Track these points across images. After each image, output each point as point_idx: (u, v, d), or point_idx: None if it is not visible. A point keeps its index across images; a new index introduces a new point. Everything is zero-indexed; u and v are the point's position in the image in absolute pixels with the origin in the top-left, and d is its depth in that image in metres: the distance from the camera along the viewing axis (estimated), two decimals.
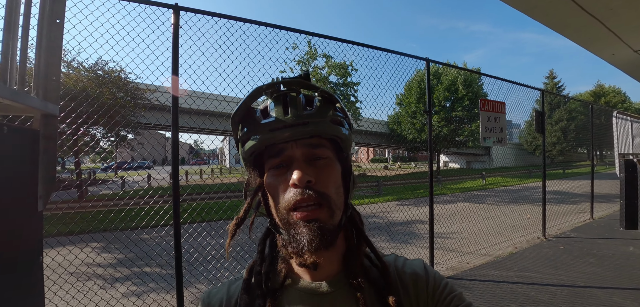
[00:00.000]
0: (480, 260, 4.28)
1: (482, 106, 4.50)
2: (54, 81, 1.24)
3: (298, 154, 0.46)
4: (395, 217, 7.69)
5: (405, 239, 5.65)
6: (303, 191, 0.44)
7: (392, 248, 5.16)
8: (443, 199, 10.72)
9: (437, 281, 0.52)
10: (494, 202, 10.08)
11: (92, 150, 10.01)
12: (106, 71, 8.62)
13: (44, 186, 1.19)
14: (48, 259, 3.31)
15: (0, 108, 1.08)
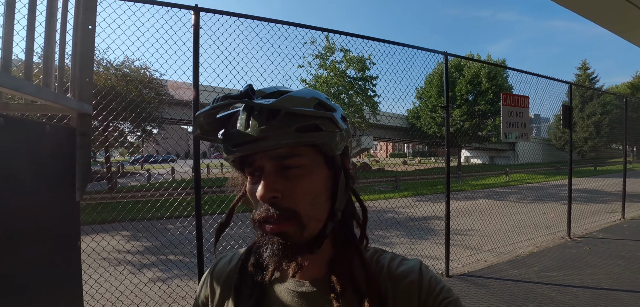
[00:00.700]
0: (499, 258, 4.19)
1: (504, 100, 4.36)
2: (87, 83, 1.35)
3: (267, 167, 0.45)
4: (412, 212, 7.61)
5: (421, 235, 5.60)
6: (268, 207, 0.44)
7: (408, 244, 5.14)
8: (463, 195, 10.47)
9: (432, 285, 0.48)
10: (516, 199, 9.73)
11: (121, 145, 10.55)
12: (133, 69, 9.04)
13: (81, 178, 1.31)
14: (83, 244, 3.56)
15: (43, 109, 1.20)
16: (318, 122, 0.45)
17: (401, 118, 23.40)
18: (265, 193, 0.43)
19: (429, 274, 0.50)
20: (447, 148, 4.07)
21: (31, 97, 0.97)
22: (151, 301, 3.04)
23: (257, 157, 0.45)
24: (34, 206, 1.00)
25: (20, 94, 0.93)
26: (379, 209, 7.95)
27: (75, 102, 1.26)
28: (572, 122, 5.27)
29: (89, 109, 1.34)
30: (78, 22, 1.28)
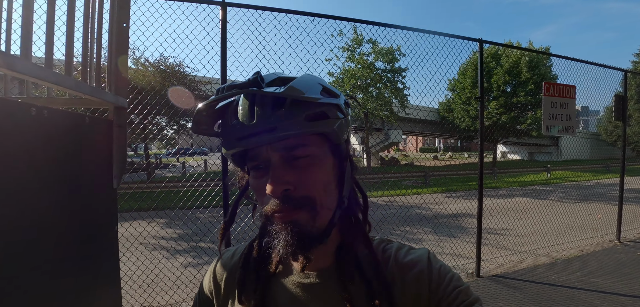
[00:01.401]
0: (536, 260, 3.92)
1: (546, 90, 4.03)
2: (123, 78, 1.43)
3: (275, 158, 0.43)
4: (442, 209, 7.35)
5: (451, 233, 5.40)
6: (280, 201, 0.42)
7: (436, 241, 4.98)
8: (498, 193, 9.92)
9: (442, 274, 0.47)
10: (559, 198, 9.04)
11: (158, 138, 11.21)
12: (168, 66, 9.53)
13: (117, 167, 1.39)
14: (123, 230, 3.86)
15: (82, 102, 1.29)
16: (325, 109, 0.43)
17: (432, 111, 22.58)
18: (276, 187, 0.41)
19: (438, 263, 0.49)
20: (480, 142, 3.86)
21: (71, 90, 1.05)
22: (183, 284, 3.22)
23: (262, 149, 0.43)
24: (74, 191, 1.08)
25: (62, 87, 1.00)
26: (406, 204, 7.77)
27: (112, 96, 1.34)
28: (626, 114, 4.77)
29: (124, 103, 1.42)
30: (113, 21, 1.35)
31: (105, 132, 1.33)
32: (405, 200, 8.72)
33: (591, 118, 34.51)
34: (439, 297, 0.45)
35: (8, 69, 0.75)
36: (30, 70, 0.81)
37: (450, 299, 0.45)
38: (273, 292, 0.50)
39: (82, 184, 1.14)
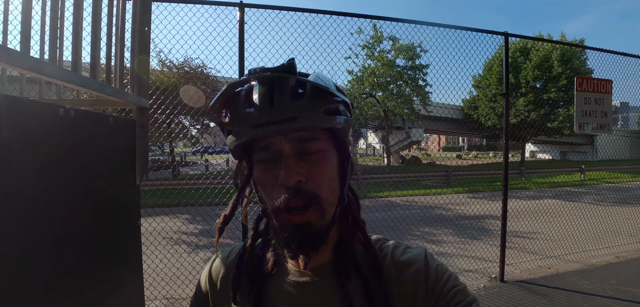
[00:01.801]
0: (567, 266, 3.71)
1: (579, 85, 3.79)
2: (145, 79, 1.49)
3: (287, 150, 0.42)
4: (464, 210, 7.12)
5: (473, 235, 5.21)
6: (291, 193, 0.41)
7: (458, 243, 4.83)
8: (525, 194, 9.46)
9: (439, 273, 0.47)
10: (593, 201, 8.49)
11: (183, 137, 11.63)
12: (192, 67, 9.86)
13: (140, 165, 1.46)
14: (148, 225, 4.05)
15: (107, 103, 1.36)
16: (339, 106, 0.44)
17: (455, 109, 21.88)
18: (291, 177, 0.41)
19: (434, 262, 0.48)
20: (505, 141, 3.70)
21: (96, 92, 1.11)
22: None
23: (275, 140, 0.42)
24: (100, 188, 1.14)
25: (87, 89, 1.06)
26: (427, 204, 7.59)
27: (134, 97, 1.40)
28: None
29: (146, 103, 1.48)
30: (135, 25, 1.41)
31: (128, 132, 1.39)
32: (426, 200, 8.52)
33: (632, 115, 32.06)
34: (436, 297, 0.45)
35: (38, 73, 0.80)
36: (58, 74, 0.86)
37: (447, 298, 0.44)
38: (269, 293, 0.49)
39: (107, 180, 1.20)
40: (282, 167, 0.42)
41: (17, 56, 0.76)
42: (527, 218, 5.73)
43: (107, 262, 1.17)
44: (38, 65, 0.81)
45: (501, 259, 3.35)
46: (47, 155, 0.85)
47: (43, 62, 0.85)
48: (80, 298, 0.95)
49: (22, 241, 0.74)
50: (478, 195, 9.32)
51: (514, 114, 18.11)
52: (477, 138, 37.09)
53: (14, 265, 0.71)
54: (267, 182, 0.44)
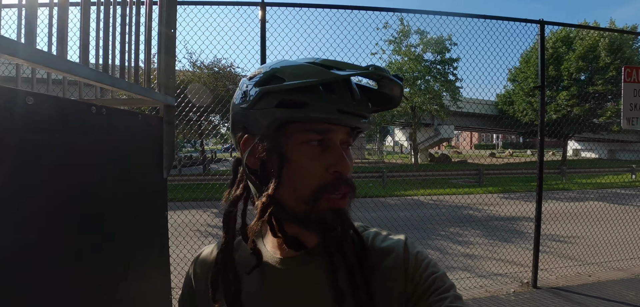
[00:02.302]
0: (609, 275, 3.41)
1: (628, 76, 3.45)
2: (171, 79, 1.58)
3: (342, 139, 0.47)
4: (496, 211, 6.77)
5: (505, 237, 4.95)
6: (344, 180, 0.45)
7: (488, 245, 4.62)
8: (566, 195, 8.81)
9: (418, 260, 0.48)
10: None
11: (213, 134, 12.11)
12: (220, 67, 10.23)
13: (167, 159, 1.55)
14: (179, 217, 4.28)
15: (135, 102, 1.46)
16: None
17: (489, 104, 20.79)
18: (350, 167, 0.46)
19: (414, 249, 0.49)
20: (540, 137, 3.49)
21: (125, 91, 1.20)
22: None
23: (335, 128, 0.45)
24: (130, 181, 1.23)
25: (117, 89, 1.15)
26: (456, 204, 7.31)
27: (161, 96, 1.49)
28: None
29: (172, 101, 1.57)
30: (162, 28, 1.50)
31: (155, 128, 1.48)
32: (455, 199, 8.21)
33: None
34: (415, 283, 0.46)
35: (72, 74, 0.88)
36: (89, 75, 0.94)
37: (426, 284, 0.45)
38: (247, 284, 0.49)
39: (136, 174, 1.29)
40: (335, 155, 0.45)
41: (54, 60, 0.84)
42: (566, 221, 5.34)
43: (137, 249, 1.26)
44: (72, 67, 0.89)
45: (534, 264, 3.16)
46: (82, 151, 0.93)
47: (76, 64, 0.93)
48: (112, 281, 1.03)
49: (63, 229, 0.82)
50: (512, 195, 8.81)
51: (555, 108, 16.86)
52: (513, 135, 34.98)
53: (60, 248, 0.78)
54: (312, 166, 0.45)
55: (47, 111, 0.81)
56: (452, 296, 0.44)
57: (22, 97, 0.73)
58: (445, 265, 3.75)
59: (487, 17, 3.31)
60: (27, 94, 0.73)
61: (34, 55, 0.73)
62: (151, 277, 1.41)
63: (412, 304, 0.46)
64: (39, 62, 0.75)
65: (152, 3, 1.44)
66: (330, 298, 0.45)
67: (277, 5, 2.45)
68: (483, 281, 3.36)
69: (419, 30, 13.40)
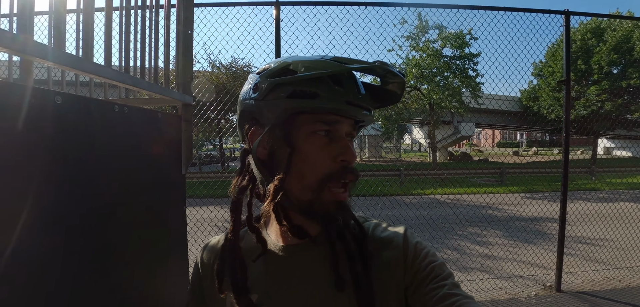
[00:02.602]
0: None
1: None
2: (189, 78, 1.64)
3: (348, 131, 0.50)
4: (519, 211, 6.52)
5: (527, 238, 4.77)
6: (350, 170, 0.48)
7: (509, 246, 4.47)
8: (596, 196, 8.35)
9: (418, 250, 0.49)
10: None
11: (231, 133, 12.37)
12: (238, 67, 10.43)
13: (185, 156, 1.61)
14: (198, 213, 4.42)
15: (156, 101, 1.52)
16: None
17: (512, 101, 19.99)
18: (354, 155, 0.48)
19: (414, 239, 0.51)
20: (565, 134, 3.34)
21: (146, 91, 1.26)
22: None
23: (342, 120, 0.48)
24: (150, 176, 1.29)
25: (138, 88, 1.21)
26: (476, 203, 7.11)
27: (180, 95, 1.55)
28: None
29: (190, 100, 1.63)
30: (180, 29, 1.56)
31: (174, 126, 1.54)
32: (475, 199, 7.99)
33: None
34: (414, 271, 0.47)
35: (96, 75, 0.94)
36: (111, 75, 1.00)
37: (425, 273, 0.46)
38: (252, 272, 0.52)
39: (156, 170, 1.35)
40: (342, 145, 0.47)
41: (81, 62, 0.89)
42: (594, 222, 5.07)
43: (157, 243, 1.32)
44: (97, 69, 0.94)
45: (558, 266, 3.03)
46: (105, 147, 0.99)
47: (101, 66, 0.98)
48: (133, 274, 1.09)
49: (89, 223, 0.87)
50: (536, 195, 8.46)
51: (584, 104, 15.98)
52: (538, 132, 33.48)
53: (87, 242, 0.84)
54: (320, 155, 0.47)
55: (74, 110, 0.86)
56: (450, 283, 0.44)
57: (51, 97, 0.78)
58: (463, 265, 3.67)
59: (509, 9, 3.20)
60: (55, 94, 0.79)
61: (62, 58, 0.78)
62: (171, 271, 1.46)
63: (411, 291, 0.47)
64: (67, 65, 0.80)
65: (171, 5, 1.50)
66: (331, 284, 0.47)
67: (291, 4, 2.47)
68: (503, 283, 3.26)
69: (437, 25, 13.09)
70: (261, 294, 0.51)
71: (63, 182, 0.78)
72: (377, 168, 13.03)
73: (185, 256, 1.64)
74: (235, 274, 0.51)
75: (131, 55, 1.20)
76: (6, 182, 0.62)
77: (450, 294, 0.43)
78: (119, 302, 0.97)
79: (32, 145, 0.69)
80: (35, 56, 0.69)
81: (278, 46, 2.42)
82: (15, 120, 0.64)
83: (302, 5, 2.51)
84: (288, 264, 0.51)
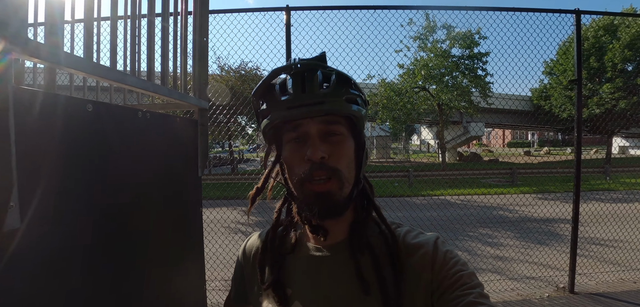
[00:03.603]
0: None
1: None
2: (204, 84, 1.69)
3: (314, 130, 0.49)
4: (531, 212, 6.42)
5: (540, 239, 4.70)
6: (317, 167, 0.48)
7: (520, 247, 4.41)
8: (610, 196, 8.15)
9: (447, 258, 0.49)
10: None
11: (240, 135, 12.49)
12: (247, 70, 10.55)
13: (201, 158, 1.66)
14: (210, 214, 4.50)
15: (174, 106, 1.58)
16: (357, 97, 0.51)
17: (522, 100, 19.66)
18: (317, 153, 0.48)
19: (444, 247, 0.51)
20: (577, 134, 3.30)
21: (166, 97, 1.31)
22: None
23: (304, 122, 0.49)
24: (169, 177, 1.34)
25: (159, 94, 1.26)
26: (487, 204, 7.02)
27: (196, 100, 1.60)
28: None
29: (206, 105, 1.68)
30: (196, 37, 1.61)
31: (191, 130, 1.60)
32: (486, 200, 7.89)
33: None
34: (441, 277, 0.47)
35: (123, 83, 0.99)
36: (137, 83, 1.05)
37: (453, 280, 0.46)
38: (289, 268, 0.57)
39: (175, 173, 1.40)
40: (309, 146, 0.49)
41: (106, 70, 0.95)
42: (609, 223, 4.97)
43: (174, 244, 1.37)
44: (122, 77, 1.00)
45: (571, 267, 2.99)
46: (131, 150, 1.04)
47: (126, 74, 1.04)
48: (152, 274, 1.13)
49: (116, 224, 0.92)
50: (548, 196, 8.31)
51: (598, 102, 15.61)
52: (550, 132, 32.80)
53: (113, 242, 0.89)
54: (295, 159, 0.51)
55: (103, 117, 0.91)
56: (477, 292, 0.44)
57: (83, 105, 0.83)
58: (474, 266, 3.64)
59: (518, 9, 3.18)
60: (87, 102, 0.84)
61: (93, 68, 0.84)
62: (188, 270, 1.51)
63: (437, 297, 0.47)
64: (96, 74, 0.86)
65: (188, 13, 1.56)
66: (357, 287, 0.50)
67: (301, 9, 2.52)
68: (515, 284, 3.23)
69: (445, 25, 12.99)
70: (295, 289, 0.55)
71: (94, 185, 0.83)
72: (386, 169, 12.98)
73: (201, 256, 1.69)
74: (273, 267, 0.56)
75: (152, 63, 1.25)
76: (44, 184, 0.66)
77: (476, 302, 0.42)
78: (139, 302, 1.01)
79: (66, 151, 0.74)
80: (71, 67, 0.75)
81: (288, 50, 2.47)
82: (51, 127, 0.69)
83: (311, 10, 2.55)
84: (317, 263, 0.55)
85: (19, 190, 0.57)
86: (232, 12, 2.33)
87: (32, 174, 0.63)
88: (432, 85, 14.32)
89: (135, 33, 1.14)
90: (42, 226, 0.64)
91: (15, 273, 0.57)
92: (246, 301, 0.66)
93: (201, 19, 1.61)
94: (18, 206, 0.58)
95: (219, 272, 3.49)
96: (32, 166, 0.62)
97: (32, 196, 0.62)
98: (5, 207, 0.56)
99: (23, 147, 0.58)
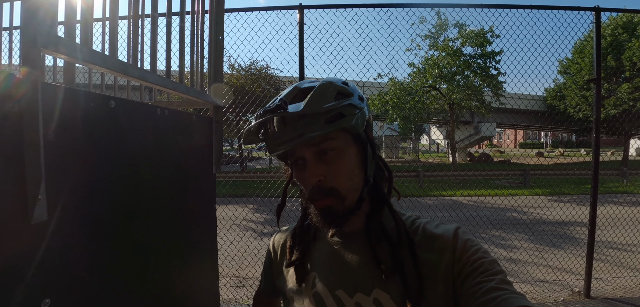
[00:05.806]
0: None
1: None
2: (220, 82, 1.71)
3: (308, 155, 0.54)
4: (544, 214, 6.29)
5: (554, 242, 4.60)
6: (315, 190, 0.54)
7: (534, 250, 4.33)
8: (628, 200, 7.92)
9: (468, 245, 0.51)
10: None
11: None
12: (257, 69, 10.62)
13: (216, 155, 1.68)
14: (221, 212, 4.55)
15: (190, 103, 1.60)
16: (340, 110, 0.53)
17: (536, 100, 19.24)
18: (311, 179, 0.53)
19: (465, 235, 0.53)
20: (596, 134, 3.21)
21: (183, 94, 1.33)
22: None
23: (297, 148, 0.55)
24: (185, 173, 1.37)
25: (177, 92, 1.29)
26: (499, 206, 6.89)
27: (211, 98, 1.62)
28: None
29: (220, 103, 1.70)
30: (212, 36, 1.63)
31: (207, 127, 1.62)
32: (497, 201, 7.75)
33: None
34: (462, 263, 0.49)
35: (143, 80, 1.01)
36: (157, 81, 1.07)
37: (474, 266, 0.48)
38: (311, 253, 0.65)
39: (191, 169, 1.42)
40: (306, 171, 0.54)
41: (129, 68, 0.97)
42: (626, 227, 4.82)
43: (189, 240, 1.39)
44: (143, 74, 1.02)
45: (587, 271, 2.92)
46: (151, 146, 1.06)
47: (146, 71, 1.06)
48: (169, 269, 1.15)
49: (134, 219, 0.94)
50: (562, 198, 8.13)
51: (615, 103, 15.16)
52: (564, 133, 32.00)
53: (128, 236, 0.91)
54: (301, 180, 0.58)
55: (125, 113, 0.93)
56: (500, 279, 0.45)
57: (106, 101, 0.85)
58: None
59: (535, 7, 3.11)
60: (109, 98, 0.86)
61: (116, 65, 0.86)
62: (203, 266, 1.53)
63: (458, 283, 0.48)
64: (119, 71, 0.88)
65: (204, 12, 1.58)
66: (374, 270, 0.54)
67: (314, 8, 2.52)
68: (528, 288, 3.17)
69: (457, 23, 12.79)
70: (316, 271, 0.61)
71: (115, 180, 0.85)
72: (395, 169, 12.89)
73: (215, 252, 1.72)
74: (298, 251, 0.64)
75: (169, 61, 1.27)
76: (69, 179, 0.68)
77: (497, 287, 0.43)
78: (156, 296, 1.03)
79: (89, 146, 0.76)
80: (102, 66, 0.77)
81: (301, 48, 2.47)
82: (75, 122, 0.71)
83: (324, 8, 2.55)
84: (337, 249, 0.61)
85: (46, 184, 0.59)
86: (246, 11, 2.36)
87: (58, 169, 0.64)
88: (443, 85, 14.13)
89: (156, 32, 1.16)
90: (65, 220, 0.66)
91: (39, 266, 0.59)
92: (275, 292, 0.73)
93: (217, 18, 1.63)
94: (45, 199, 0.60)
95: (229, 269, 3.54)
96: (58, 161, 0.64)
97: (59, 190, 0.64)
98: (34, 200, 0.58)
99: (49, 142, 0.60)
